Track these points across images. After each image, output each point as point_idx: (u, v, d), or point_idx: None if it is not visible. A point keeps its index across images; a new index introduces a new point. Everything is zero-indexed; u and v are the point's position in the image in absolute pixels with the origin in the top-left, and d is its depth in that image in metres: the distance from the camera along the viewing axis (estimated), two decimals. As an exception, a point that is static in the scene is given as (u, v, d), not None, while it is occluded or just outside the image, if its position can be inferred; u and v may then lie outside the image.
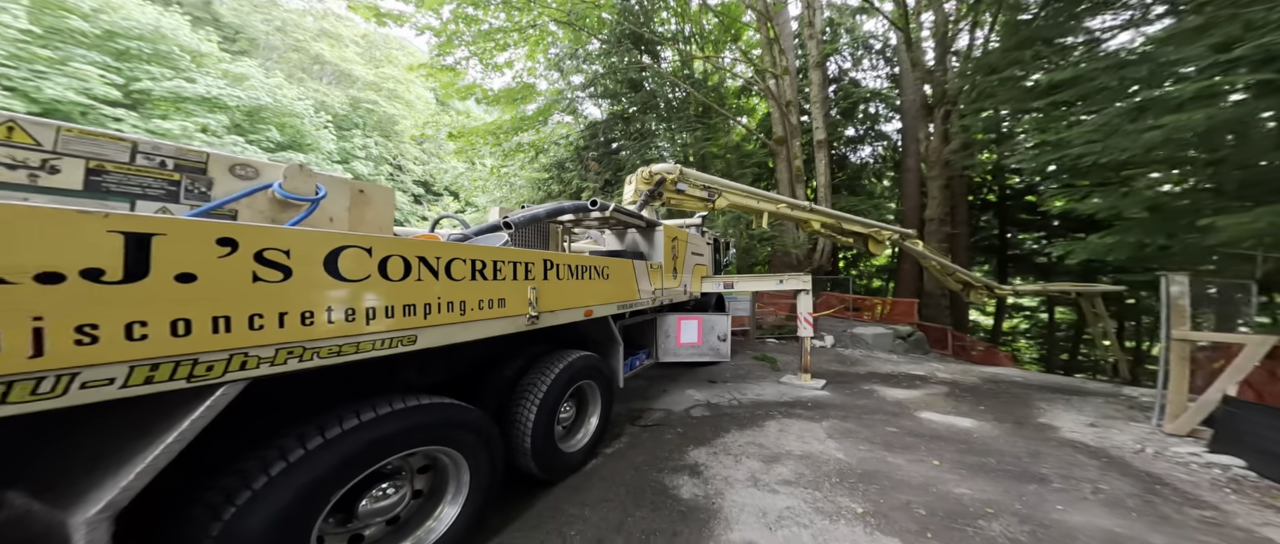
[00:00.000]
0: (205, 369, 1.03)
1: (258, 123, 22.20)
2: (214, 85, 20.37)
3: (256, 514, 1.17)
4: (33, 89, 14.18)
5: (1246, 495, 2.71)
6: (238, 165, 1.45)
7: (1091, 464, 3.12)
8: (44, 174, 1.12)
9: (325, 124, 25.47)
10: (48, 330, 0.83)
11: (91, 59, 16.18)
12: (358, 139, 28.38)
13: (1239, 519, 2.44)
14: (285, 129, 23.14)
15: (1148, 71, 4.09)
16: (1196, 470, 3.03)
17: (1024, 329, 20.55)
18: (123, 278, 0.91)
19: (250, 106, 21.61)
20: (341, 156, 26.57)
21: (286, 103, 23.11)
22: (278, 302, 1.16)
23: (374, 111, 29.87)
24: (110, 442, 1.02)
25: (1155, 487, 2.80)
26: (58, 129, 1.17)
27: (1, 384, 0.79)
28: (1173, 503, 2.60)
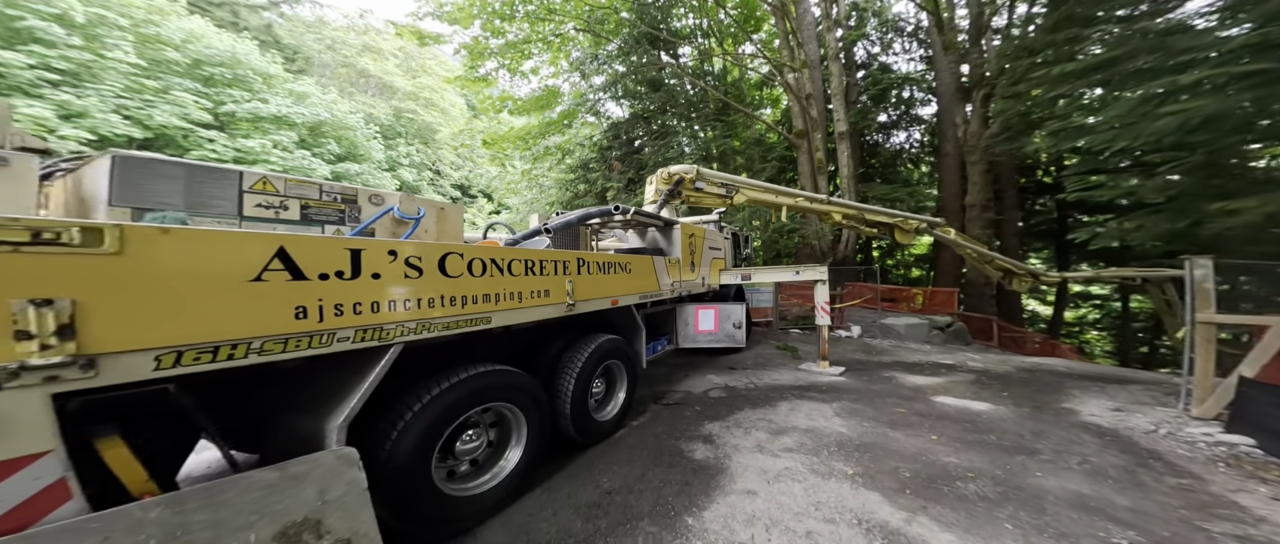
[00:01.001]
0: (386, 334, 1.64)
1: (319, 137, 24.59)
2: (283, 104, 22.73)
3: (407, 438, 1.79)
4: (145, 117, 16.61)
5: (1238, 469, 2.76)
6: (372, 195, 2.08)
7: (1093, 442, 3.22)
8: (280, 212, 1.77)
9: (374, 135, 27.70)
10: (325, 307, 1.46)
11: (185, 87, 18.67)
12: (402, 147, 30.62)
13: (1214, 487, 2.54)
14: (342, 141, 25.47)
15: (1186, 48, 3.93)
16: (1201, 448, 3.06)
17: (1094, 320, 18.66)
18: (350, 276, 1.52)
19: (312, 122, 23.97)
20: (389, 164, 28.80)
21: (341, 116, 25.43)
22: (416, 291, 1.75)
23: (414, 120, 32.06)
24: (339, 383, 1.65)
25: (1147, 461, 2.90)
26: (285, 179, 1.83)
27: (306, 339, 1.41)
28: (1155, 474, 2.71)
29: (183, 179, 1.58)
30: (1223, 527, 2.19)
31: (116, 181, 1.46)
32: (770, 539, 2.10)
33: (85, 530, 0.97)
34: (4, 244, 0.93)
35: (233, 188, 1.69)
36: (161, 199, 1.53)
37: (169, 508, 1.07)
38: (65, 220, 1.02)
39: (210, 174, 1.65)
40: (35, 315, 0.95)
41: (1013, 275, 9.28)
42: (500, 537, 2.14)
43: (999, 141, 10.82)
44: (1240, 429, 3.13)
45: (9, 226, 0.94)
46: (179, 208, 1.54)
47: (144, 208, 1.50)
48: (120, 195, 1.47)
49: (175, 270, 1.16)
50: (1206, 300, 3.57)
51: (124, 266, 1.08)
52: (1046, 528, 2.13)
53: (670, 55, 15.77)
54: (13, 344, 0.94)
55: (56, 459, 0.99)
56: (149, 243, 1.12)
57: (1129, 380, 5.55)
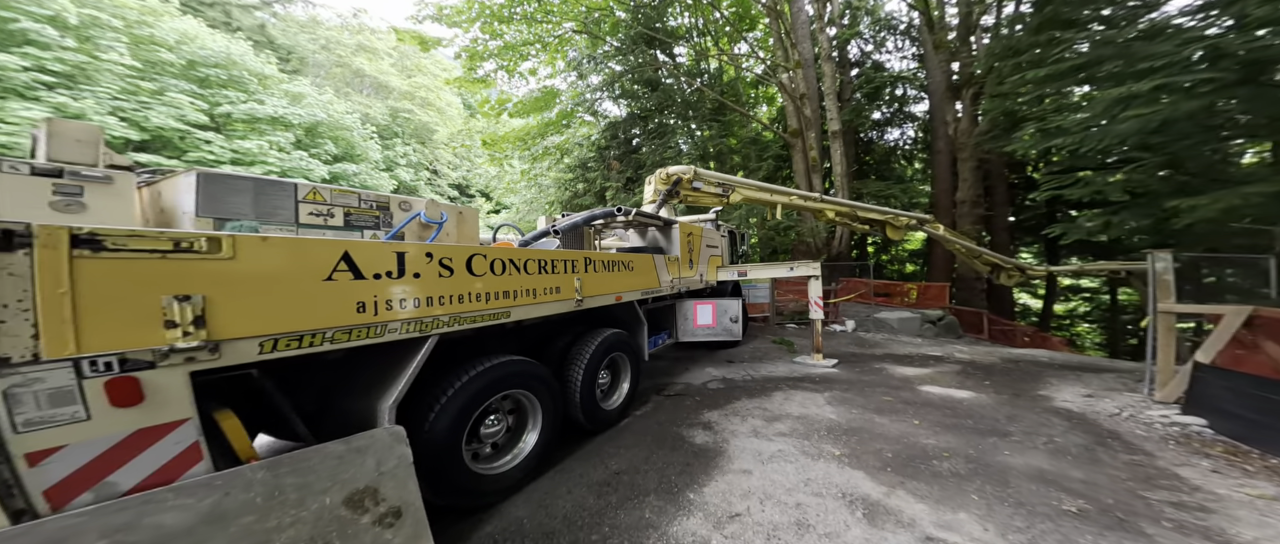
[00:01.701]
0: (425, 326, 1.86)
1: (316, 138, 24.50)
2: (279, 105, 22.60)
3: (442, 419, 2.02)
4: (141, 119, 16.52)
5: (1187, 446, 3.04)
6: (402, 201, 2.29)
7: (1061, 424, 3.49)
8: (328, 219, 1.98)
9: (371, 135, 27.60)
10: (378, 302, 1.68)
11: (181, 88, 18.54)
12: (399, 147, 30.53)
13: (1161, 462, 2.81)
14: (339, 142, 25.38)
15: (1146, 56, 4.23)
16: (1156, 429, 3.33)
17: (1084, 312, 19.03)
18: (397, 275, 1.74)
19: (309, 123, 23.86)
20: (387, 164, 28.71)
21: (337, 117, 25.33)
22: (449, 288, 1.97)
23: (411, 120, 31.95)
24: (388, 369, 1.87)
25: (1106, 440, 3.17)
26: (330, 190, 2.03)
27: (365, 329, 1.64)
28: (1111, 451, 2.98)
29: (252, 192, 1.78)
30: (1161, 495, 2.44)
31: (202, 196, 1.66)
32: (764, 510, 2.33)
33: (212, 486, 1.18)
34: (155, 251, 1.16)
35: (290, 199, 1.90)
36: (237, 210, 1.74)
37: (269, 471, 1.27)
38: (195, 233, 1.24)
39: (273, 187, 1.85)
40: (178, 308, 1.18)
41: (1000, 270, 9.58)
42: (522, 511, 2.37)
43: (987, 139, 11.09)
44: (1195, 411, 3.40)
45: (158, 238, 1.16)
46: (251, 218, 1.74)
47: (224, 218, 1.70)
48: (205, 208, 1.67)
49: (270, 271, 1.38)
50: (1166, 291, 3.84)
51: (237, 269, 1.30)
52: (1007, 498, 2.37)
53: (666, 54, 15.91)
54: (164, 331, 1.17)
55: (193, 426, 1.20)
56: (253, 249, 1.34)
57: (1106, 369, 5.84)
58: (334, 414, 1.85)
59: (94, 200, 1.46)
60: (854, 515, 2.24)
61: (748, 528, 2.17)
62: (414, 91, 32.66)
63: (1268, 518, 2.20)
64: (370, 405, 1.74)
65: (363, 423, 1.70)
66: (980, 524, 2.14)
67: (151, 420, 1.13)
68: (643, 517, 2.30)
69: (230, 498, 1.18)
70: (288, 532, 1.24)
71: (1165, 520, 2.19)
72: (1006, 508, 2.28)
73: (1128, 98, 4.27)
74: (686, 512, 2.34)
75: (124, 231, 1.10)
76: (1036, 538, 2.04)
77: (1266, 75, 4.04)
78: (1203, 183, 4.62)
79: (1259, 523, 2.16)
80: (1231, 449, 2.97)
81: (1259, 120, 4.56)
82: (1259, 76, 3.95)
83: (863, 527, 2.14)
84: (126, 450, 1.09)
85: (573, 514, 2.33)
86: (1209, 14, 4.57)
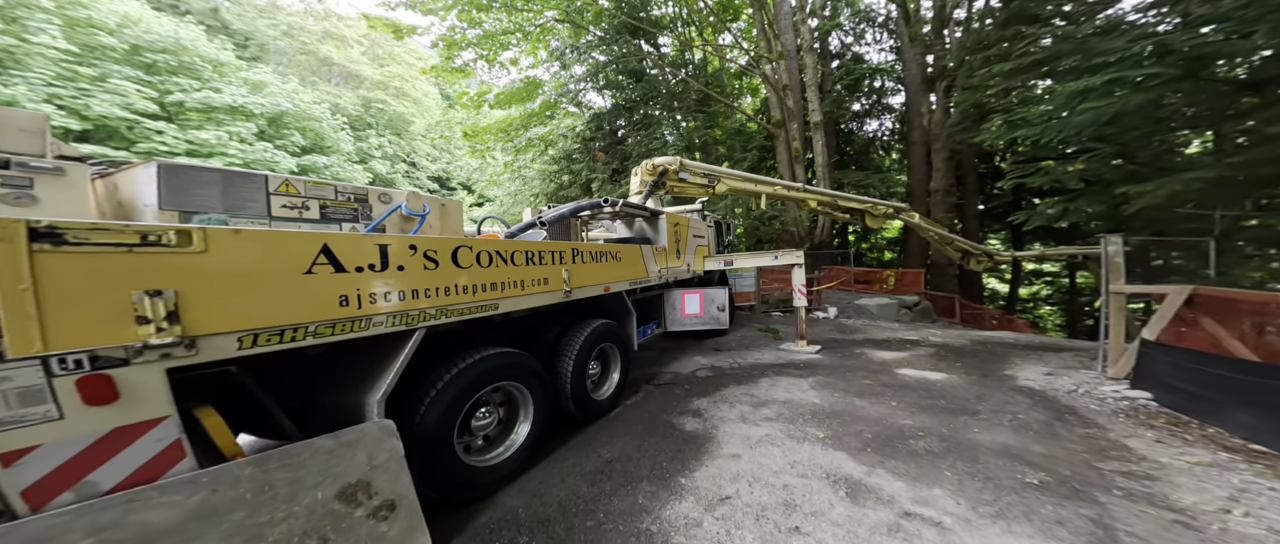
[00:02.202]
0: (412, 319, 1.82)
1: (281, 128, 23.20)
2: (238, 94, 21.24)
3: (433, 411, 2.00)
4: (82, 107, 15.25)
5: (1135, 419, 3.31)
6: (381, 194, 2.20)
7: (1024, 402, 3.73)
8: (303, 212, 1.88)
9: (342, 126, 26.35)
10: (361, 295, 1.63)
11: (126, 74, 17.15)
12: (373, 139, 29.27)
13: (1112, 434, 3.06)
14: (307, 133, 24.13)
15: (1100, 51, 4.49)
16: (1109, 403, 3.61)
17: (1046, 295, 20.17)
18: (380, 268, 1.69)
19: (273, 113, 22.55)
20: (360, 156, 27.54)
21: (304, 107, 24.03)
22: (435, 280, 1.92)
23: (385, 111, 30.65)
24: (376, 363, 1.83)
25: (1064, 415, 3.42)
26: (304, 182, 1.93)
27: (348, 323, 1.59)
28: (1068, 425, 3.22)
29: (219, 184, 1.67)
30: (1112, 465, 2.66)
31: (164, 187, 1.55)
32: (753, 492, 2.41)
33: (198, 483, 1.15)
34: (120, 245, 1.10)
35: (261, 191, 1.80)
36: (203, 203, 1.63)
37: (257, 467, 1.24)
38: (163, 225, 1.18)
39: (242, 178, 1.74)
40: (149, 304, 1.13)
41: (970, 255, 10.04)
42: (517, 501, 2.38)
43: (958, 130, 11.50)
44: (1142, 385, 3.69)
45: (123, 231, 1.10)
46: (219, 210, 1.65)
47: (190, 210, 1.60)
48: (169, 200, 1.57)
49: (246, 265, 1.33)
50: (1117, 273, 4.13)
51: (210, 262, 1.25)
52: (977, 474, 2.53)
53: (651, 45, 15.71)
54: (136, 327, 1.12)
55: (174, 423, 1.17)
56: (226, 242, 1.29)
57: (1064, 348, 6.24)
58: (321, 410, 1.82)
59: (46, 193, 1.36)
60: (837, 494, 2.34)
61: (738, 509, 2.25)
62: (388, 81, 31.28)
63: (1204, 483, 2.42)
64: (358, 400, 1.71)
65: (351, 418, 1.67)
66: (953, 499, 2.28)
67: (129, 418, 1.10)
68: (636, 502, 2.35)
69: (219, 494, 1.16)
70: (281, 526, 1.23)
71: (1116, 489, 2.38)
72: (976, 483, 2.44)
73: (1084, 91, 4.53)
74: (679, 496, 2.40)
75: (86, 225, 1.05)
76: (1003, 510, 2.18)
77: (1207, 70, 4.34)
78: (1150, 171, 4.98)
79: (1197, 488, 2.38)
80: (1173, 420, 3.25)
81: (1201, 112, 4.91)
82: (1200, 71, 4.24)
83: (846, 505, 2.25)
84: (105, 449, 1.07)
85: (567, 502, 2.36)
86: (1160, 11, 4.86)
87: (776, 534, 2.04)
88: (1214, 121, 5.12)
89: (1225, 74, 4.40)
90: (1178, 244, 5.13)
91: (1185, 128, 5.53)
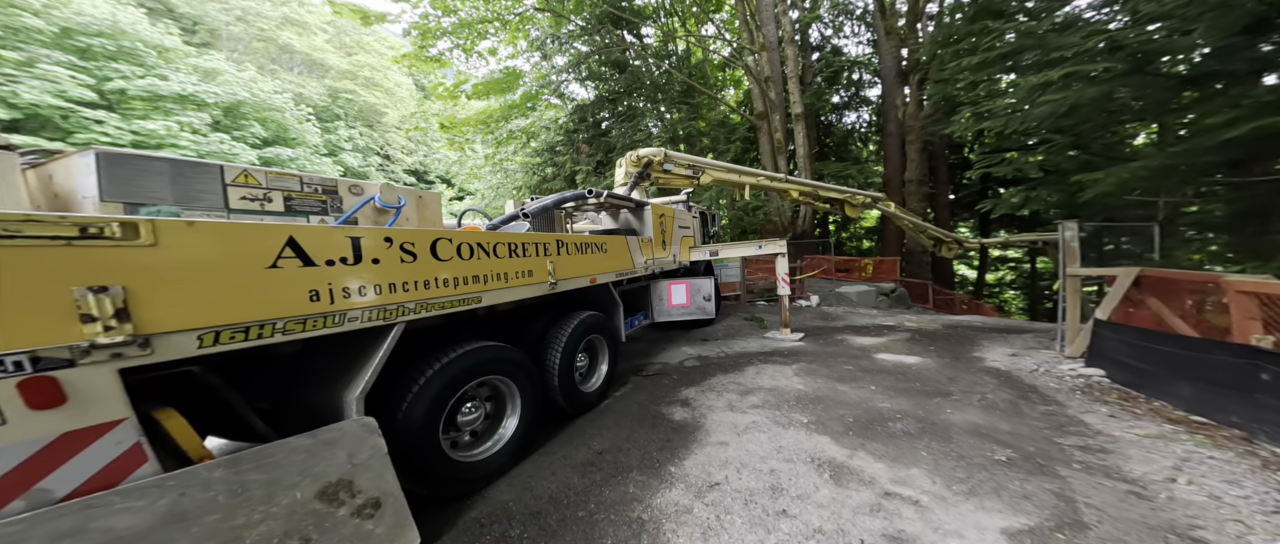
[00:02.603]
0: (390, 314, 1.75)
1: (239, 119, 21.77)
2: (187, 82, 19.75)
3: (416, 407, 1.94)
4: (8, 94, 13.89)
5: (1090, 395, 3.57)
6: (352, 185, 2.08)
7: (992, 382, 3.96)
8: (265, 204, 1.75)
9: (307, 117, 24.95)
10: (334, 290, 1.55)
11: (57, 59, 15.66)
12: (343, 131, 27.87)
13: (1070, 410, 3.29)
14: (268, 124, 22.73)
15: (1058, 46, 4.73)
16: (1067, 381, 3.88)
17: (1010, 281, 21.29)
18: (353, 261, 1.61)
19: (228, 102, 21.11)
20: (329, 149, 26.20)
21: (264, 97, 22.58)
22: (413, 274, 1.85)
23: (354, 101, 29.16)
24: (354, 360, 1.75)
25: (1028, 394, 3.65)
26: (265, 172, 1.80)
27: (321, 319, 1.52)
28: (1032, 403, 3.45)
29: (167, 174, 1.54)
30: (1072, 439, 2.85)
31: (104, 178, 1.41)
32: (741, 477, 2.46)
33: (164, 487, 1.09)
34: (57, 238, 1.00)
35: (216, 181, 1.67)
36: (151, 194, 1.50)
37: (229, 469, 1.18)
38: (105, 217, 1.08)
39: (193, 168, 1.61)
40: (94, 301, 1.04)
41: (942, 243, 10.49)
42: (507, 494, 2.36)
43: (930, 122, 11.90)
44: (1096, 363, 3.96)
45: (59, 223, 1.00)
46: (169, 202, 1.51)
47: (136, 203, 1.46)
48: (111, 191, 1.42)
49: (203, 259, 1.24)
50: (1073, 257, 4.39)
51: (161, 256, 1.16)
52: (950, 453, 2.67)
53: (634, 35, 15.46)
54: (81, 326, 1.03)
55: (131, 426, 1.09)
56: (178, 235, 1.19)
57: (1027, 330, 6.63)
58: (297, 409, 1.74)
59: (-33, 184, 1.21)
60: (822, 477, 2.42)
61: (727, 495, 2.29)
62: (356, 71, 29.70)
63: (1151, 455, 2.62)
64: (336, 397, 1.64)
65: (329, 416, 1.61)
66: (929, 478, 2.39)
67: (80, 422, 1.03)
68: (627, 491, 2.36)
69: (188, 497, 1.11)
70: (259, 528, 1.19)
71: (1075, 463, 2.56)
72: (950, 462, 2.56)
73: (1043, 84, 4.75)
74: (669, 484, 2.42)
75: (17, 216, 0.96)
76: (975, 487, 2.31)
77: (1152, 65, 4.62)
78: (1102, 161, 5.31)
79: (1145, 460, 2.57)
80: (1124, 395, 3.51)
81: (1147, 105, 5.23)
82: (1145, 67, 4.51)
83: (830, 487, 2.33)
84: (56, 455, 1.01)
85: (558, 494, 2.35)
86: (1111, 8, 5.13)
87: (765, 517, 2.10)
88: (1158, 114, 5.48)
89: (1169, 69, 4.70)
90: (1127, 229, 5.50)
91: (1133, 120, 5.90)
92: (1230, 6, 3.63)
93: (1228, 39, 3.87)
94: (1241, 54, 3.92)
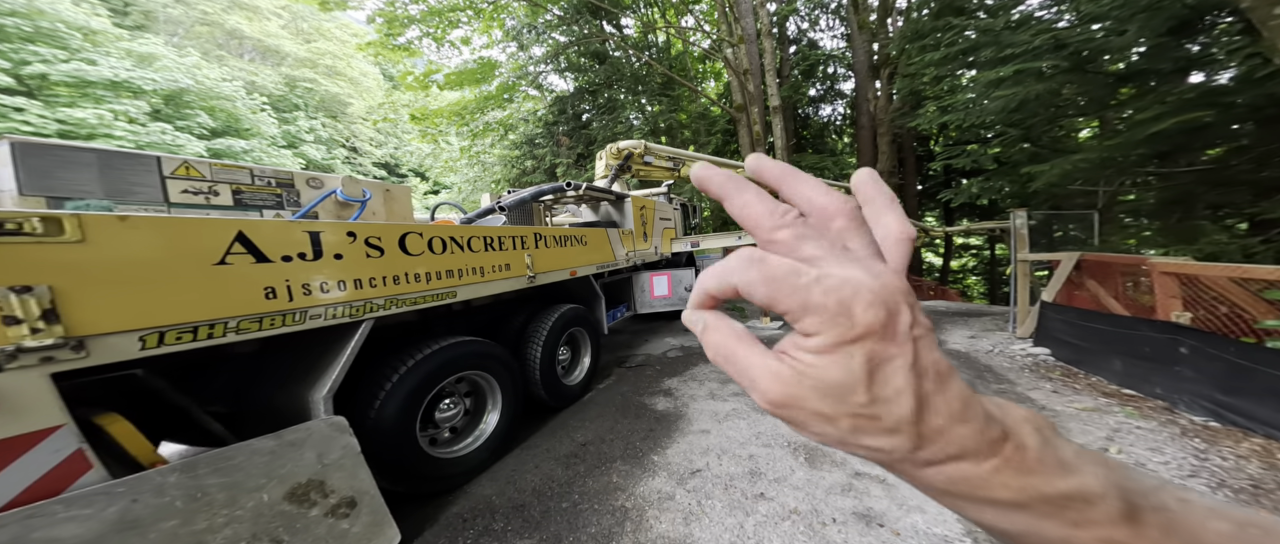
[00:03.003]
0: (356, 311, 1.68)
1: (182, 108, 20.09)
2: (120, 67, 18.04)
3: (390, 405, 1.88)
4: (-96, 80, 12.31)
5: (1037, 373, 3.87)
6: (310, 178, 1.96)
7: (953, 363, 4.20)
8: (210, 198, 1.62)
9: (262, 106, 23.30)
10: (292, 287, 1.47)
11: (-37, 42, 13.96)
12: (303, 121, 26.20)
13: (1019, 388, 3.57)
14: (216, 113, 21.09)
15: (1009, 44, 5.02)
16: (1018, 359, 4.19)
17: (972, 267, 22.58)
18: (312, 257, 1.53)
19: (169, 90, 19.43)
20: (288, 141, 24.63)
21: (211, 84, 20.89)
22: (381, 269, 1.78)
23: (314, 91, 27.43)
24: (320, 359, 1.68)
25: (983, 374, 3.92)
26: (210, 164, 1.66)
27: (279, 317, 1.44)
28: (985, 382, 3.71)
29: (95, 166, 1.39)
30: None
31: (22, 170, 1.26)
32: (722, 464, 2.54)
33: (113, 494, 1.02)
34: None
35: (152, 174, 1.53)
36: (77, 187, 1.36)
37: (184, 473, 1.12)
38: (25, 211, 0.98)
39: (125, 160, 1.47)
40: (18, 302, 0.96)
41: (911, 233, 10.99)
42: (490, 489, 2.34)
43: (899, 115, 12.36)
44: (1043, 342, 4.29)
45: None
46: (99, 196, 1.38)
47: (61, 196, 1.33)
48: (30, 184, 1.28)
49: (140, 256, 1.16)
50: (1023, 243, 4.71)
51: (92, 254, 1.08)
52: None
53: (613, 26, 15.19)
54: (4, 329, 0.95)
55: (70, 432, 1.02)
56: (109, 230, 1.11)
57: (986, 314, 7.09)
58: (259, 410, 1.66)
59: None
60: (798, 460, 2.53)
61: (708, 481, 2.36)
62: (316, 58, 27.87)
63: (1088, 427, 2.87)
64: (301, 397, 1.58)
65: (295, 416, 1.55)
66: None
67: (11, 430, 0.97)
68: (610, 481, 2.39)
69: (140, 504, 1.05)
70: (223, 532, 1.14)
71: None
72: None
73: (996, 80, 5.03)
74: (651, 472, 2.47)
75: None
76: None
77: (1093, 63, 4.96)
78: (1049, 153, 5.68)
79: (1083, 432, 2.81)
80: (1066, 371, 3.81)
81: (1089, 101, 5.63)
82: (1087, 64, 4.85)
83: (805, 470, 2.43)
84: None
85: (542, 487, 2.36)
86: (1059, 7, 5.46)
87: (744, 501, 2.18)
88: (1099, 109, 5.90)
89: (1110, 68, 5.06)
90: (1073, 217, 5.94)
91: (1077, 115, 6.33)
92: (1159, 9, 3.93)
93: (1157, 39, 4.19)
94: (1169, 53, 4.27)
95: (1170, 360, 3.01)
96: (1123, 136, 4.69)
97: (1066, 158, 5.19)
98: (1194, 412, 2.81)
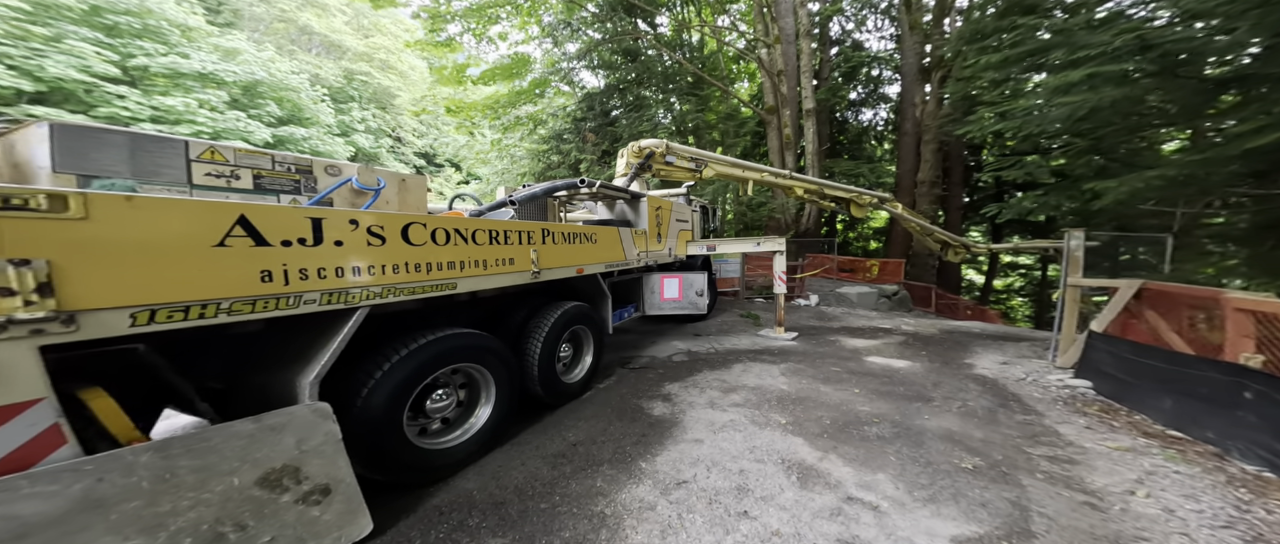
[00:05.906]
0: (351, 298, 1.75)
1: (256, 98, 22.09)
2: (208, 60, 20.09)
3: (379, 392, 1.95)
4: (35, 68, 14.29)
5: (1071, 406, 3.47)
6: (329, 166, 2.11)
7: (975, 389, 3.89)
8: (232, 181, 1.79)
9: (322, 98, 25.23)
10: (289, 271, 1.55)
11: (84, 35, 16.03)
12: (356, 112, 28.12)
13: (1047, 421, 3.21)
14: (284, 103, 23.02)
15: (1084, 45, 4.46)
16: (1052, 391, 3.79)
17: (1019, 287, 20.75)
18: (312, 243, 1.61)
19: (247, 82, 21.43)
20: (341, 129, 26.50)
21: (281, 77, 22.83)
22: (380, 257, 1.85)
23: (368, 83, 29.32)
24: (310, 344, 1.76)
25: (1008, 402, 3.57)
26: (234, 150, 1.83)
27: (272, 300, 1.52)
28: (1010, 412, 3.37)
29: (126, 147, 1.56)
30: (1042, 450, 2.79)
31: (57, 149, 1.43)
32: (710, 476, 2.48)
33: (81, 471, 1.05)
34: None
35: (179, 157, 1.69)
36: (107, 167, 1.52)
37: (157, 453, 1.16)
38: (31, 188, 1.05)
39: (155, 143, 1.63)
40: (15, 274, 1.01)
41: (949, 247, 10.20)
42: (473, 483, 2.39)
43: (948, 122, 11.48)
44: (1085, 374, 3.87)
45: None
46: (126, 176, 1.54)
47: (90, 175, 1.50)
48: (63, 162, 1.45)
49: (142, 235, 1.22)
50: (1076, 266, 4.24)
51: (93, 231, 1.13)
52: (919, 459, 2.63)
53: (648, 24, 15.13)
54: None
55: (49, 406, 1.06)
56: (113, 209, 1.17)
57: (1024, 338, 6.48)
58: (248, 391, 1.75)
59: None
60: (789, 479, 2.42)
61: (692, 493, 2.30)
62: (372, 53, 29.77)
63: (1117, 466, 2.56)
64: (290, 381, 1.64)
65: (282, 399, 1.61)
66: (894, 483, 2.38)
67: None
68: (594, 485, 2.40)
69: (106, 483, 1.07)
70: (186, 515, 1.16)
71: (1039, 472, 2.51)
72: (916, 467, 2.54)
73: (1064, 85, 4.52)
74: (637, 480, 2.45)
75: None
76: (936, 493, 2.29)
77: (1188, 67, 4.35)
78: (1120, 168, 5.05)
79: (1109, 471, 2.52)
80: (1106, 407, 3.42)
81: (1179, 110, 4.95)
82: (1177, 68, 4.25)
83: (795, 489, 2.32)
84: None
85: (525, 484, 2.39)
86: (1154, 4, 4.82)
87: (726, 517, 2.11)
88: (1190, 118, 5.18)
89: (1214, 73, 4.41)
90: (1142, 239, 5.29)
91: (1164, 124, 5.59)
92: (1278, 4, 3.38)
93: (1274, 39, 3.61)
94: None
95: (1231, 404, 2.65)
96: (1214, 151, 4.11)
97: (1139, 174, 4.61)
98: (1248, 460, 2.47)
